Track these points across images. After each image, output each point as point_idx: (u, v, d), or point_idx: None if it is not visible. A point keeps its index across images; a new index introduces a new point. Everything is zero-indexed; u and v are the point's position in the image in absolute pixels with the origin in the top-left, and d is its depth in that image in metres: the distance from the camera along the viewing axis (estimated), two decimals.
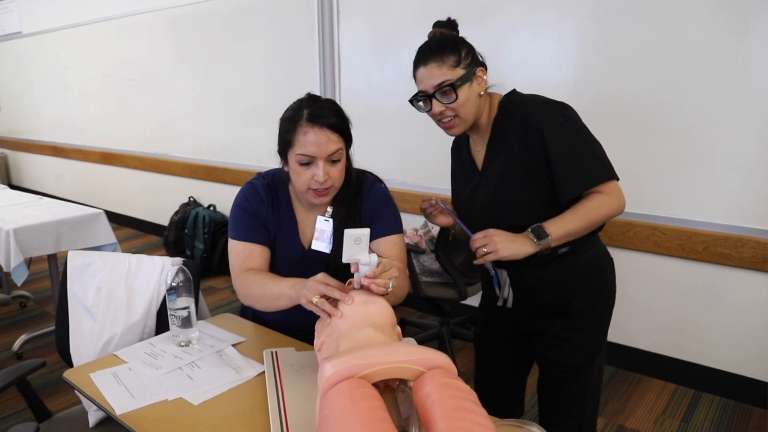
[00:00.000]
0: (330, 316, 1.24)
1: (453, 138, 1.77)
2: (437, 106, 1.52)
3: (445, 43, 1.52)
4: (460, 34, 1.60)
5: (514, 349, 1.80)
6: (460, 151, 1.75)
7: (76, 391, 1.44)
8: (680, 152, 2.58)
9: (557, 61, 2.85)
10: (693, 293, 2.69)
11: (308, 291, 1.29)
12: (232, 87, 4.58)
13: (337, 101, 3.80)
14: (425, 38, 1.63)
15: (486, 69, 1.57)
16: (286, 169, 1.59)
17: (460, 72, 1.49)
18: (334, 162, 1.51)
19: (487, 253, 1.43)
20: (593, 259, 1.62)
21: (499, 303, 1.69)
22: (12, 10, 6.82)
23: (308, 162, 1.50)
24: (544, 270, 1.60)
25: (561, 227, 1.45)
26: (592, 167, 1.48)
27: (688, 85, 2.51)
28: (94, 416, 1.70)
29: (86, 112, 6.23)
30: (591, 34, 2.74)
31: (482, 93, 1.55)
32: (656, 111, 2.58)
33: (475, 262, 1.47)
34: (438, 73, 1.49)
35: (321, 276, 1.32)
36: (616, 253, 2.76)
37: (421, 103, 1.57)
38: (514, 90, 1.63)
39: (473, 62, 1.52)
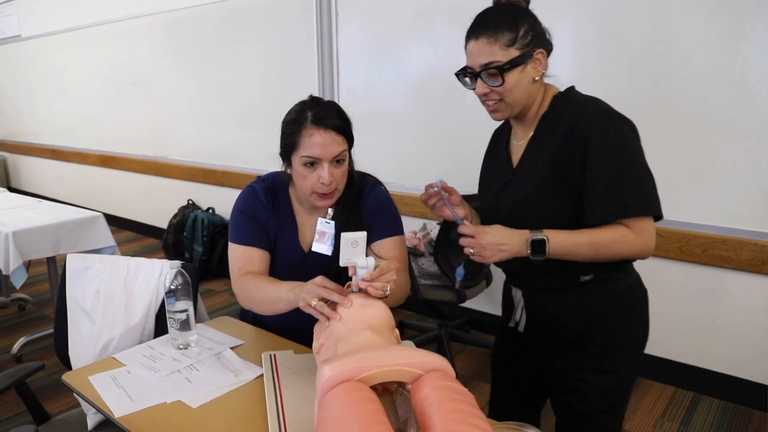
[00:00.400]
0: (329, 319, 1.24)
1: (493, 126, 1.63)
2: (481, 87, 1.36)
3: (503, 17, 1.33)
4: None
5: (529, 379, 1.61)
6: (500, 140, 1.59)
7: (74, 394, 1.43)
8: (678, 155, 2.58)
9: (553, 64, 2.84)
10: (692, 295, 2.69)
11: (307, 294, 1.29)
12: (230, 90, 4.58)
13: None
14: (424, 40, 1.59)
15: (549, 51, 1.39)
16: (289, 171, 1.59)
17: (513, 53, 1.31)
18: (338, 163, 1.52)
19: (472, 255, 1.35)
20: (624, 289, 1.44)
21: (510, 324, 1.56)
22: (11, 14, 6.82)
23: (313, 163, 1.50)
24: (564, 297, 1.44)
25: (564, 248, 1.31)
26: (630, 196, 1.30)
27: (685, 88, 2.52)
28: (92, 419, 1.70)
29: (85, 115, 6.23)
30: (587, 37, 2.75)
31: (537, 78, 1.37)
32: (654, 114, 2.59)
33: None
34: (488, 51, 1.32)
35: (319, 279, 1.32)
36: None
37: (467, 79, 1.40)
38: (572, 87, 1.45)
39: (533, 42, 1.34)
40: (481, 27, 1.34)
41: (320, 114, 1.50)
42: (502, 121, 1.56)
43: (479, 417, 0.95)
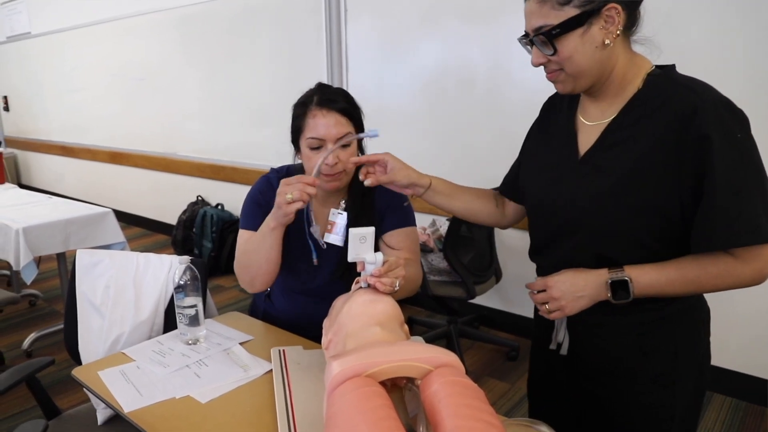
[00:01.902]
0: (314, 187, 1.36)
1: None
2: (537, 56, 1.14)
3: None
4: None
5: (568, 406, 1.36)
6: (555, 114, 1.30)
7: (84, 389, 1.44)
8: None
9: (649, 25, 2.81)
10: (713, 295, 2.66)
11: (279, 198, 1.37)
12: (239, 86, 4.59)
13: None
14: (433, 36, 1.50)
15: (631, 5, 1.09)
16: (299, 157, 1.59)
17: (569, 12, 1.05)
18: (344, 146, 1.51)
19: (550, 312, 1.18)
20: (685, 309, 1.21)
21: (552, 346, 1.30)
22: (21, 11, 6.85)
23: (318, 146, 1.50)
24: (617, 315, 1.19)
25: (653, 288, 1.11)
26: (758, 219, 1.03)
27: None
28: (102, 414, 1.71)
29: (95, 112, 6.25)
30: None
31: (609, 42, 1.08)
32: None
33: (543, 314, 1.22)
34: (538, 12, 1.08)
35: (282, 182, 1.40)
36: None
37: (529, 47, 1.17)
38: (673, 66, 1.15)
39: None
40: None
41: (326, 96, 1.51)
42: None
43: (490, 413, 0.94)
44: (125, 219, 5.96)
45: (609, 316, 1.20)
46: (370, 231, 1.27)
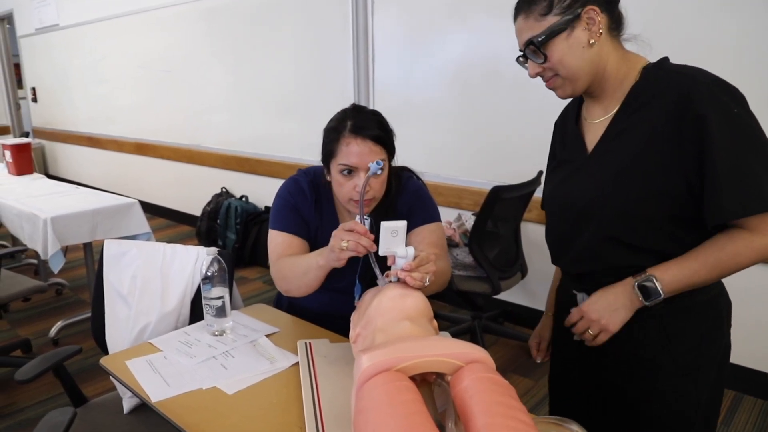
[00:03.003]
0: (367, 251, 1.29)
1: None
2: (532, 67, 1.22)
3: None
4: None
5: (589, 400, 1.37)
6: (565, 122, 1.38)
7: (111, 378, 1.44)
8: None
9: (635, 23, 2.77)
10: (735, 290, 2.60)
11: (335, 241, 1.33)
12: (264, 78, 4.59)
13: (370, 93, 3.78)
14: (460, 28, 1.49)
15: (609, 5, 1.17)
16: (328, 178, 1.59)
17: (550, 21, 1.14)
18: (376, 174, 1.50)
19: (595, 337, 1.21)
20: (709, 300, 1.23)
21: (576, 338, 1.28)
22: (49, 3, 6.94)
23: (350, 172, 1.49)
24: (639, 311, 1.20)
25: (680, 280, 1.14)
26: (761, 187, 1.07)
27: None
28: (128, 403, 1.72)
29: (121, 104, 6.31)
30: (629, 21, 2.66)
31: (593, 41, 1.16)
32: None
33: (582, 340, 1.25)
34: (525, 27, 1.18)
35: (341, 226, 1.36)
36: None
37: (523, 62, 1.25)
38: (666, 58, 1.22)
39: (575, 4, 1.14)
40: (519, 3, 1.21)
41: (360, 123, 1.49)
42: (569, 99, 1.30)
43: (521, 410, 0.92)
44: (150, 210, 6.01)
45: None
46: (401, 225, 1.25)
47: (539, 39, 1.15)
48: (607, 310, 1.19)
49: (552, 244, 1.39)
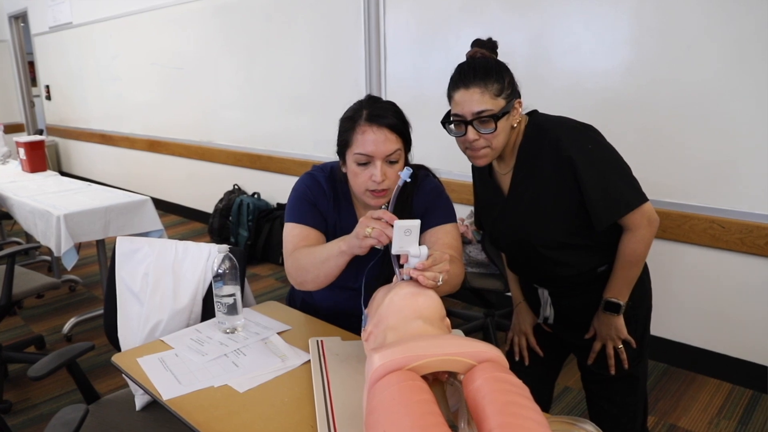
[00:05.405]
0: (389, 239, 1.27)
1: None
2: (472, 134, 1.44)
3: (490, 68, 1.44)
4: (499, 51, 1.60)
5: (550, 348, 1.81)
6: (482, 176, 1.70)
7: (123, 375, 1.44)
8: (740, 142, 2.46)
9: (610, 47, 2.75)
10: (753, 290, 2.58)
11: (360, 228, 1.31)
12: (277, 75, 4.58)
13: (383, 88, 3.76)
14: (474, 24, 1.58)
15: (521, 101, 1.51)
16: (344, 170, 1.56)
17: (501, 102, 1.42)
18: (392, 163, 1.48)
19: (617, 355, 1.61)
20: (641, 277, 1.61)
21: (540, 320, 1.74)
22: (63, 2, 6.98)
23: (366, 162, 1.47)
24: (586, 288, 1.62)
25: (623, 287, 1.54)
26: (624, 194, 1.46)
27: (748, 73, 2.39)
28: (140, 400, 1.72)
29: (133, 101, 6.34)
30: (647, 18, 2.63)
31: (515, 125, 1.50)
32: (715, 99, 2.47)
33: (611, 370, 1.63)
34: (479, 100, 1.41)
35: (369, 213, 1.34)
36: (669, 247, 2.64)
37: (452, 126, 1.49)
38: (535, 111, 1.58)
39: (513, 94, 1.46)
40: (470, 76, 1.43)
41: (375, 112, 1.47)
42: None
43: (534, 410, 0.91)
44: (162, 207, 6.04)
45: (582, 289, 1.62)
46: (415, 224, 1.24)
47: (499, 114, 1.42)
48: (607, 332, 1.59)
49: (509, 265, 1.80)
